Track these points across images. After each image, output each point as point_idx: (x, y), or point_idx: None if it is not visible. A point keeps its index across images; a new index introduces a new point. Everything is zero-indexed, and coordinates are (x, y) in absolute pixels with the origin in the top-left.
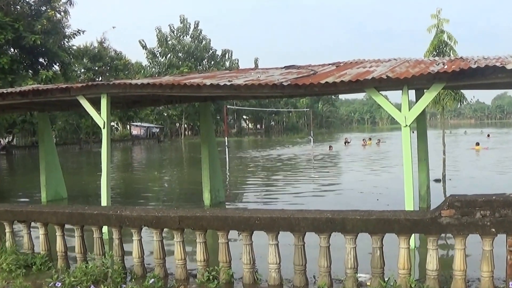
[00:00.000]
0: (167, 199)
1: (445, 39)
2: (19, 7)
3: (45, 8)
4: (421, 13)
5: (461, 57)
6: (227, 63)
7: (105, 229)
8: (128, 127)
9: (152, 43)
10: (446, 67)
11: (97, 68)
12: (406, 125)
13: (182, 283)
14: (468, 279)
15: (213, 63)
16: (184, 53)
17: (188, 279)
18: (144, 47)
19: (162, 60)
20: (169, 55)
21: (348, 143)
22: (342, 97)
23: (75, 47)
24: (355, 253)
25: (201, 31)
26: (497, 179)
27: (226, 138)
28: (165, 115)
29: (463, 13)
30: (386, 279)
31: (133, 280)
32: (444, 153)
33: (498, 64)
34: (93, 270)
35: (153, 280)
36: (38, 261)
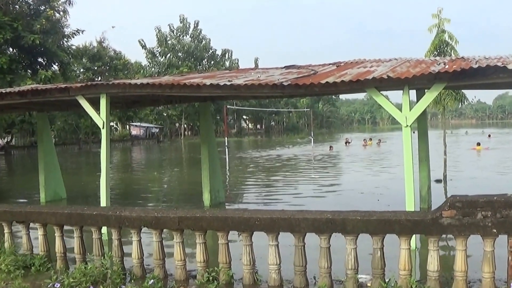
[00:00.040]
0: (166, 199)
1: (446, 38)
2: (18, 6)
3: (44, 7)
4: (421, 13)
5: (462, 57)
6: (227, 63)
7: (104, 229)
8: (127, 127)
9: (151, 42)
10: (447, 67)
11: (96, 68)
12: (407, 125)
13: (181, 284)
14: (469, 280)
15: (213, 63)
16: (183, 53)
17: (188, 280)
18: (143, 46)
19: (161, 60)
20: (169, 55)
21: (348, 143)
22: (342, 97)
23: (74, 47)
24: (355, 254)
25: (201, 31)
26: (498, 179)
27: (226, 138)
28: (165, 115)
29: (463, 13)
30: (386, 280)
31: (133, 281)
32: (445, 153)
33: (499, 64)
34: (92, 271)
35: (152, 281)
36: (37, 262)
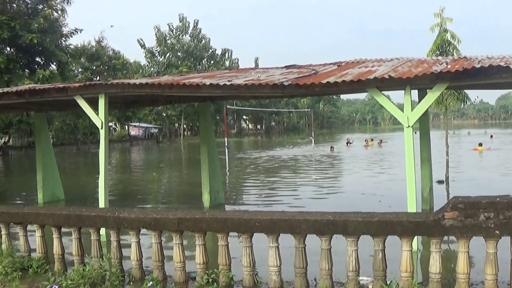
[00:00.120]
0: (166, 200)
1: (449, 38)
2: (15, 5)
3: (42, 6)
4: (421, 13)
5: (465, 57)
6: (227, 63)
7: (102, 231)
8: (126, 127)
9: (151, 42)
10: (449, 66)
11: (95, 67)
12: (408, 126)
13: (181, 286)
14: (471, 282)
15: (212, 62)
16: (183, 52)
17: (187, 282)
18: (142, 46)
19: (161, 59)
20: (168, 54)
21: (350, 143)
22: (343, 97)
23: (72, 46)
24: (356, 256)
25: (200, 30)
26: (501, 180)
27: (225, 138)
28: (164, 115)
29: (463, 13)
30: (388, 282)
31: (131, 283)
32: (447, 154)
33: (502, 63)
34: (90, 273)
35: (151, 283)
36: (34, 263)
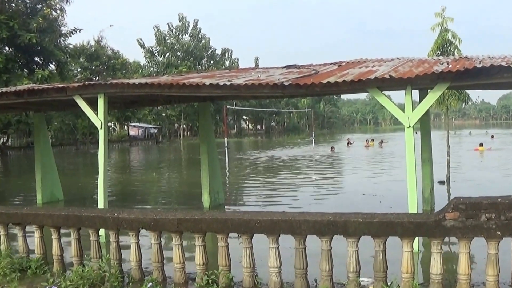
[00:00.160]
0: (165, 201)
1: (450, 38)
2: (14, 4)
3: (41, 6)
4: (421, 13)
5: (466, 57)
6: (227, 63)
7: (102, 232)
8: (125, 127)
9: (150, 42)
10: (450, 66)
11: (94, 67)
12: (409, 126)
13: (180, 287)
14: (472, 283)
15: (212, 62)
16: (183, 52)
17: (187, 283)
18: (142, 46)
19: (160, 59)
20: (168, 54)
21: (350, 144)
22: (344, 97)
23: (71, 46)
24: (357, 257)
25: (200, 30)
26: (502, 181)
27: (225, 139)
28: (164, 115)
29: (463, 12)
30: (389, 283)
31: (131, 284)
32: (448, 154)
33: (504, 63)
34: (89, 274)
35: (151, 284)
36: (33, 264)
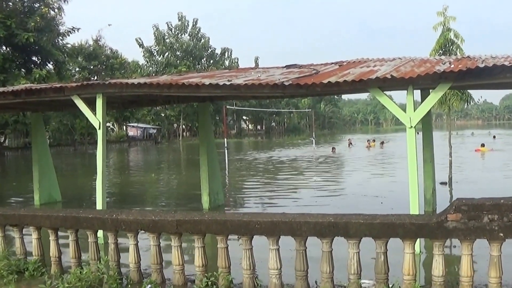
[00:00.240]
0: (164, 202)
1: (452, 37)
2: (11, 3)
3: (38, 5)
4: (421, 12)
5: (468, 56)
6: (227, 62)
7: (100, 233)
8: (124, 128)
9: (149, 41)
10: (452, 66)
11: (92, 67)
12: (411, 126)
13: None
14: (475, 285)
15: (212, 62)
16: (182, 51)
17: (186, 284)
18: (141, 45)
19: (159, 58)
20: (167, 53)
21: (351, 144)
22: (345, 97)
23: (69, 45)
24: (358, 258)
25: (199, 29)
26: (504, 182)
27: (225, 139)
28: (163, 115)
29: (465, 11)
30: (390, 285)
31: (129, 286)
32: (450, 155)
33: (506, 63)
34: (87, 275)
35: (150, 286)
36: (30, 266)
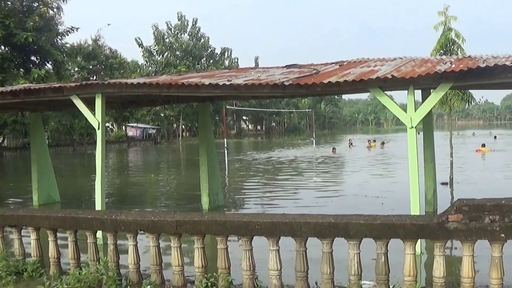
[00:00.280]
0: (164, 203)
1: (453, 37)
2: (10, 3)
3: (37, 4)
4: (422, 12)
5: (469, 56)
6: (226, 62)
7: (99, 234)
8: (123, 128)
9: (148, 41)
10: (453, 66)
11: (91, 66)
12: (412, 127)
13: None
14: (476, 286)
15: (211, 61)
16: (181, 51)
17: (185, 286)
18: (140, 45)
19: (159, 58)
20: (166, 53)
21: (352, 145)
22: (345, 97)
23: (68, 45)
24: (358, 259)
25: (199, 29)
26: (506, 182)
27: (225, 139)
28: (162, 115)
29: (466, 11)
30: (391, 287)
31: (129, 287)
32: (451, 155)
33: (508, 63)
34: (86, 276)
35: (149, 287)
36: (29, 267)
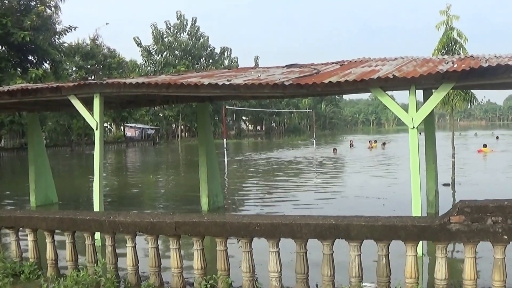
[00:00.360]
0: (163, 204)
1: (455, 36)
2: (7, 1)
3: (35, 3)
4: (424, 11)
5: (471, 56)
6: (226, 62)
7: (97, 235)
8: (122, 128)
9: (147, 40)
10: (455, 66)
11: (89, 66)
12: (413, 127)
13: None
14: None
15: (211, 61)
16: (181, 51)
17: None
18: (139, 44)
19: (157, 58)
20: (165, 53)
21: (352, 145)
22: (346, 97)
23: (66, 44)
24: (359, 261)
25: (198, 28)
26: (507, 183)
27: (224, 140)
28: (161, 116)
29: (468, 10)
30: None
31: None
32: (453, 156)
33: (510, 63)
34: (84, 278)
35: None
36: (26, 269)
